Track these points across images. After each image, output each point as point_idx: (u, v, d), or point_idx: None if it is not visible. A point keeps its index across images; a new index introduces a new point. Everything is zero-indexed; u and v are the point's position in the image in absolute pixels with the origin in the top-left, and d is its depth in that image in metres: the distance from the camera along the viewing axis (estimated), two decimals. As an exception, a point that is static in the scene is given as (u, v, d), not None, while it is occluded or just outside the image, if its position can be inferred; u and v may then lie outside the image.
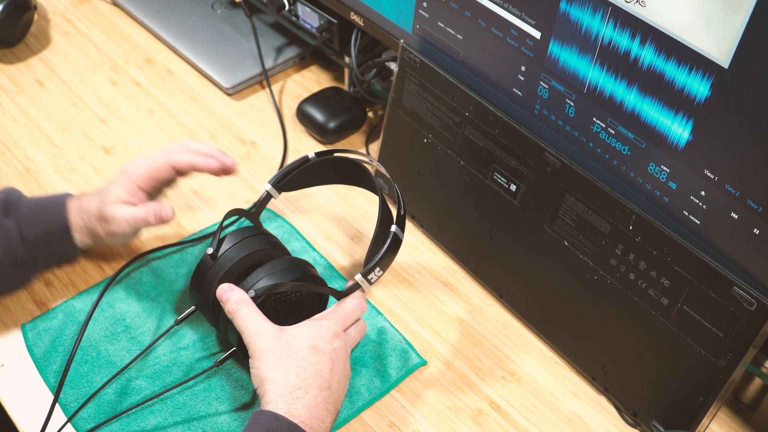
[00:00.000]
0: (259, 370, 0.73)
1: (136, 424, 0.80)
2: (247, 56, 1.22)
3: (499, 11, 0.83)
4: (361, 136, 1.14)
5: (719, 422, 0.84)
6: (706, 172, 0.72)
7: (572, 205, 0.82)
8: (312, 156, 0.88)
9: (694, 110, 0.70)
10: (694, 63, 0.68)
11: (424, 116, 0.96)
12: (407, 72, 0.96)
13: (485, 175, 0.91)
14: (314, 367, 0.73)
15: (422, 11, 0.93)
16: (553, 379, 0.87)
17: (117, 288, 0.91)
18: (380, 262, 0.78)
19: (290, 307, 0.80)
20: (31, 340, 0.86)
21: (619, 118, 0.77)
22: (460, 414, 0.84)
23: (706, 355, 0.75)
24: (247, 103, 1.18)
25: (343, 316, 0.78)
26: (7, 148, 1.09)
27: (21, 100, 1.16)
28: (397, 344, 0.88)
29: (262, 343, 0.73)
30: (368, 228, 1.01)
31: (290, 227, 1.00)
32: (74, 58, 1.24)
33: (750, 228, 0.70)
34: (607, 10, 0.73)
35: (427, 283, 0.96)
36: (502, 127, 0.87)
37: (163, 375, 0.84)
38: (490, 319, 0.92)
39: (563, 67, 0.80)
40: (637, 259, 0.78)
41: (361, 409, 0.83)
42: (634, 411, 0.83)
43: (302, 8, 1.15)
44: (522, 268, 0.90)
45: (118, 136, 1.12)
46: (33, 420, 0.80)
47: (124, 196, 0.85)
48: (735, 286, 0.71)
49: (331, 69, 1.24)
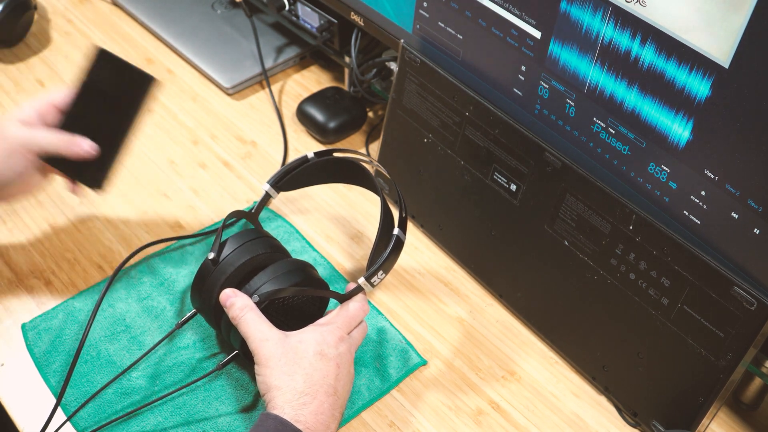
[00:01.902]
0: (265, 377, 0.73)
1: (136, 424, 0.80)
2: (247, 56, 1.22)
3: (499, 11, 0.83)
4: (361, 136, 1.14)
5: (719, 422, 0.84)
6: (707, 172, 0.72)
7: (572, 205, 0.82)
8: (311, 156, 0.88)
9: (694, 110, 0.70)
10: (695, 63, 0.68)
11: (425, 116, 0.96)
12: (407, 72, 0.96)
13: (485, 175, 0.91)
14: (321, 373, 0.73)
15: (422, 11, 0.93)
16: (553, 379, 0.87)
17: (117, 288, 0.91)
18: (383, 266, 0.78)
19: (292, 309, 0.80)
20: (31, 340, 0.86)
21: (620, 118, 0.77)
22: (460, 414, 0.84)
23: (707, 355, 0.75)
24: (247, 103, 1.18)
25: (346, 320, 0.78)
26: (7, 147, 1.09)
27: (21, 100, 1.16)
28: (397, 344, 0.88)
29: (268, 350, 0.73)
30: (368, 228, 1.01)
31: (290, 227, 1.00)
32: (74, 58, 1.23)
33: (750, 228, 0.70)
34: (607, 9, 0.73)
35: (427, 283, 0.96)
36: (502, 127, 0.87)
37: (163, 375, 0.84)
38: (491, 319, 0.92)
39: (563, 67, 0.80)
40: (638, 259, 0.78)
41: (361, 409, 0.83)
42: (634, 411, 0.83)
43: (302, 8, 1.15)
44: (522, 267, 0.90)
45: (118, 136, 1.12)
46: (33, 420, 0.80)
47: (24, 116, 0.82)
48: (735, 286, 0.71)
49: (331, 69, 1.24)
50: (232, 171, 1.07)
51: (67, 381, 0.78)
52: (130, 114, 0.85)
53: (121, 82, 0.85)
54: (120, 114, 0.85)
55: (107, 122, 0.85)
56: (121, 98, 0.85)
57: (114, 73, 0.86)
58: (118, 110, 0.85)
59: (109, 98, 0.85)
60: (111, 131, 0.85)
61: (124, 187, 1.04)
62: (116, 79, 0.85)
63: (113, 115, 0.85)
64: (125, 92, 0.85)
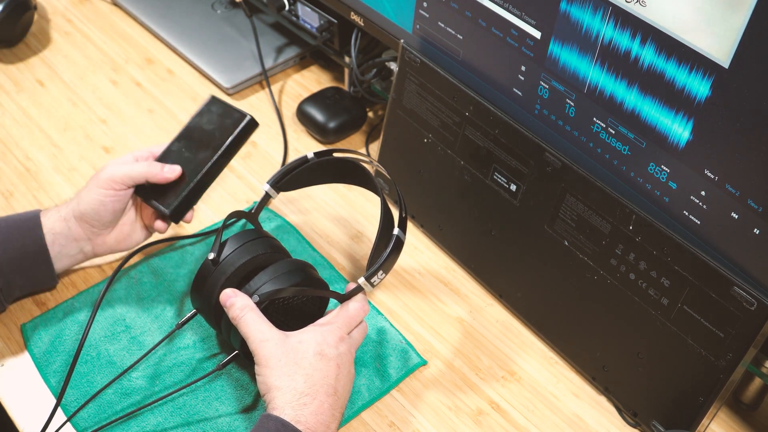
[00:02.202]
0: (265, 378, 0.73)
1: (136, 424, 0.80)
2: (247, 56, 1.22)
3: (499, 11, 0.83)
4: (361, 136, 1.14)
5: (719, 422, 0.84)
6: (707, 172, 0.72)
7: (572, 205, 0.82)
8: (311, 156, 0.88)
9: (694, 110, 0.70)
10: (695, 63, 0.68)
11: (425, 116, 0.96)
12: (407, 72, 0.96)
13: (485, 175, 0.91)
14: (321, 373, 0.73)
15: (422, 11, 0.93)
16: (553, 379, 0.87)
17: (117, 288, 0.91)
18: (383, 266, 0.78)
19: (292, 309, 0.80)
20: (31, 340, 0.86)
21: (620, 118, 0.77)
22: (460, 414, 0.84)
23: (706, 355, 0.75)
24: (247, 103, 1.18)
25: (347, 320, 0.78)
26: (7, 148, 1.09)
27: (21, 100, 1.16)
28: (397, 344, 0.88)
29: (268, 350, 0.73)
30: (368, 228, 1.01)
31: (290, 227, 1.00)
32: (74, 58, 1.24)
33: (750, 228, 0.70)
34: (607, 9, 0.73)
35: (427, 283, 0.96)
36: (502, 127, 0.87)
37: (163, 375, 0.84)
38: (491, 319, 0.92)
39: (563, 67, 0.80)
40: (638, 259, 0.78)
41: (361, 409, 0.83)
42: (634, 411, 0.83)
43: (302, 8, 1.15)
44: (522, 267, 0.90)
45: (118, 136, 1.12)
46: (33, 420, 0.80)
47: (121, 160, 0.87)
48: (735, 286, 0.71)
49: (331, 69, 1.24)
50: (232, 171, 1.07)
51: (67, 381, 0.78)
52: (220, 150, 0.87)
53: (221, 122, 0.89)
54: (210, 150, 0.88)
55: (197, 157, 0.88)
56: (216, 136, 0.88)
57: (217, 114, 0.90)
58: (210, 147, 0.88)
59: (205, 136, 0.89)
60: (197, 165, 0.88)
61: (124, 187, 1.04)
62: (217, 119, 0.90)
63: (204, 151, 0.88)
64: (221, 130, 0.88)
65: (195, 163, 0.88)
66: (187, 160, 0.88)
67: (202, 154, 0.88)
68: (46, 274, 0.87)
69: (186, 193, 0.87)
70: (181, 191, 0.87)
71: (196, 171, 0.87)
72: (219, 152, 0.87)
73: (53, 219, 0.86)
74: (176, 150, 0.89)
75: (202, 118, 0.90)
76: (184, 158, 0.88)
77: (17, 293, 0.87)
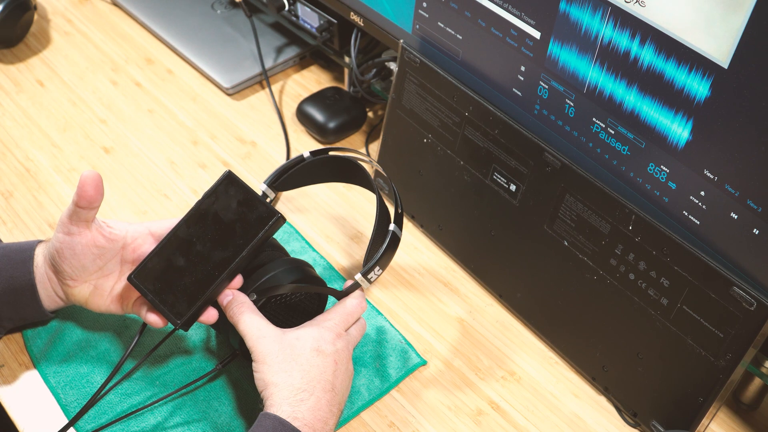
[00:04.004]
0: (262, 374, 0.73)
1: (136, 424, 0.80)
2: (247, 56, 1.22)
3: (498, 11, 0.83)
4: (361, 136, 1.14)
5: (719, 422, 0.84)
6: (706, 172, 0.72)
7: (572, 205, 0.82)
8: (307, 155, 0.88)
9: (693, 110, 0.70)
10: (694, 63, 0.68)
11: (424, 116, 0.96)
12: (407, 72, 0.96)
13: (485, 175, 0.91)
14: (318, 369, 0.73)
15: (422, 11, 0.93)
16: (553, 379, 0.87)
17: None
18: (379, 261, 0.78)
19: (290, 307, 0.80)
20: (31, 340, 0.86)
21: (619, 118, 0.77)
22: (460, 414, 0.84)
23: (706, 355, 0.75)
24: (247, 103, 1.18)
25: (344, 316, 0.78)
26: (7, 148, 1.09)
27: (21, 100, 1.16)
28: (397, 344, 0.88)
29: (265, 346, 0.73)
30: (367, 227, 1.01)
31: (289, 227, 1.00)
32: (74, 58, 1.24)
33: (750, 228, 0.70)
34: (606, 10, 0.73)
35: (427, 283, 0.96)
36: (502, 127, 0.87)
37: (163, 376, 0.84)
38: (490, 319, 0.92)
39: (563, 67, 0.80)
40: (637, 259, 0.78)
41: (361, 409, 0.83)
42: (634, 411, 0.83)
43: (302, 8, 1.15)
44: (522, 268, 0.90)
45: (118, 136, 1.12)
46: (33, 420, 0.80)
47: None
48: (735, 286, 0.71)
49: (331, 69, 1.24)
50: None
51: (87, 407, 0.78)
52: (242, 253, 0.75)
53: (242, 213, 0.76)
54: (230, 250, 0.75)
55: (213, 256, 0.76)
56: (236, 232, 0.76)
57: (236, 200, 0.77)
58: (229, 245, 0.75)
59: (222, 229, 0.76)
60: (214, 267, 0.75)
61: (124, 187, 1.04)
62: (237, 207, 0.77)
63: (222, 250, 0.76)
64: (244, 227, 0.76)
65: (211, 264, 0.75)
66: (199, 256, 0.75)
67: (219, 253, 0.75)
68: (35, 310, 0.80)
69: (201, 303, 0.75)
70: (194, 299, 0.74)
71: (212, 275, 0.75)
72: (241, 255, 0.74)
73: (44, 254, 0.79)
74: (185, 238, 0.76)
75: (217, 201, 0.77)
76: (195, 252, 0.75)
77: (8, 325, 0.83)
